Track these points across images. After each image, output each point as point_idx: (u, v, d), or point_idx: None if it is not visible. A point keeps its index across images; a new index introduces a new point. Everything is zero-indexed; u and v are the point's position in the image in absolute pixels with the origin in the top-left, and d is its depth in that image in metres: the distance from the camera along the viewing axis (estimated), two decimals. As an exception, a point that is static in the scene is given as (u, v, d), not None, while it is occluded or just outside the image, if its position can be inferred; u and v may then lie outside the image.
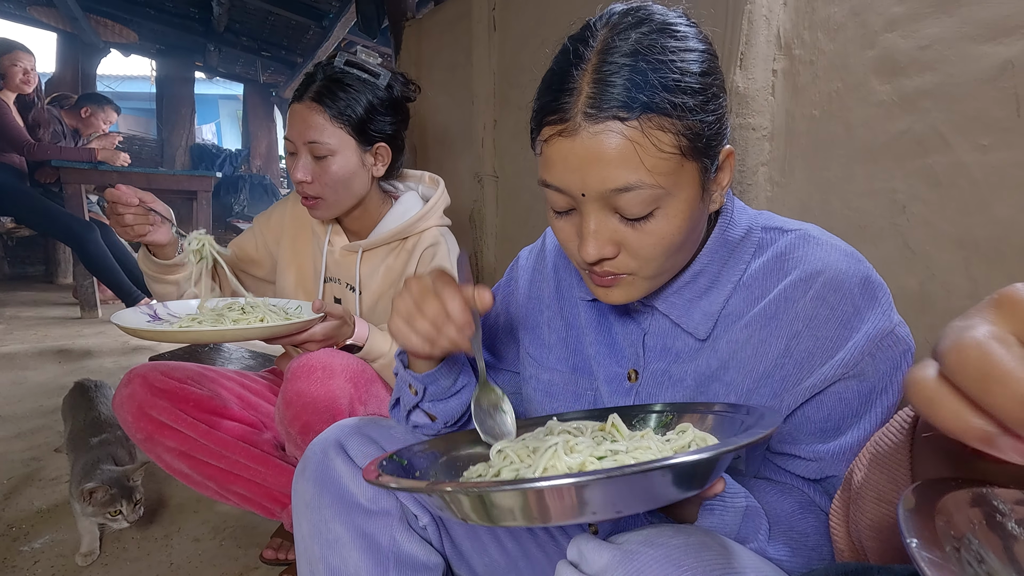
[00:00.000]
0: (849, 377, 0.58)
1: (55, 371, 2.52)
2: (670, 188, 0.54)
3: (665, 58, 0.52)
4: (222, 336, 0.93)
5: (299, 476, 0.72)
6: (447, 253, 1.19)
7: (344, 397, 0.97)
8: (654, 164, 0.52)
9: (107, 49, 5.65)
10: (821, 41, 0.94)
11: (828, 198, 0.95)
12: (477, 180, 1.99)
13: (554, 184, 0.57)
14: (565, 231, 0.60)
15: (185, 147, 6.28)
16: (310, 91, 1.09)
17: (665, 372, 0.66)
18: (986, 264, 0.77)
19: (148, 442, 1.04)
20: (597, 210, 0.56)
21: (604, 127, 0.52)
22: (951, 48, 0.79)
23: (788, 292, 0.60)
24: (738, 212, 0.66)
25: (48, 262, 4.69)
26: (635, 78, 0.51)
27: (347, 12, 4.44)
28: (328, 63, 1.13)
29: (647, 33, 0.54)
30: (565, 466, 0.47)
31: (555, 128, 0.55)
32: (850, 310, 0.58)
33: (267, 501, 1.14)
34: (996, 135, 0.75)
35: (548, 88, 0.57)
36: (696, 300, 0.65)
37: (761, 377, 0.61)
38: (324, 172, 1.09)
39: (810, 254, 0.61)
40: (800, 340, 0.60)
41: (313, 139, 1.08)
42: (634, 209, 0.54)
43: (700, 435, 0.52)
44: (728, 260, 0.64)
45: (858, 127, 0.90)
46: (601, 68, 0.53)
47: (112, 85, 10.76)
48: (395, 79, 1.16)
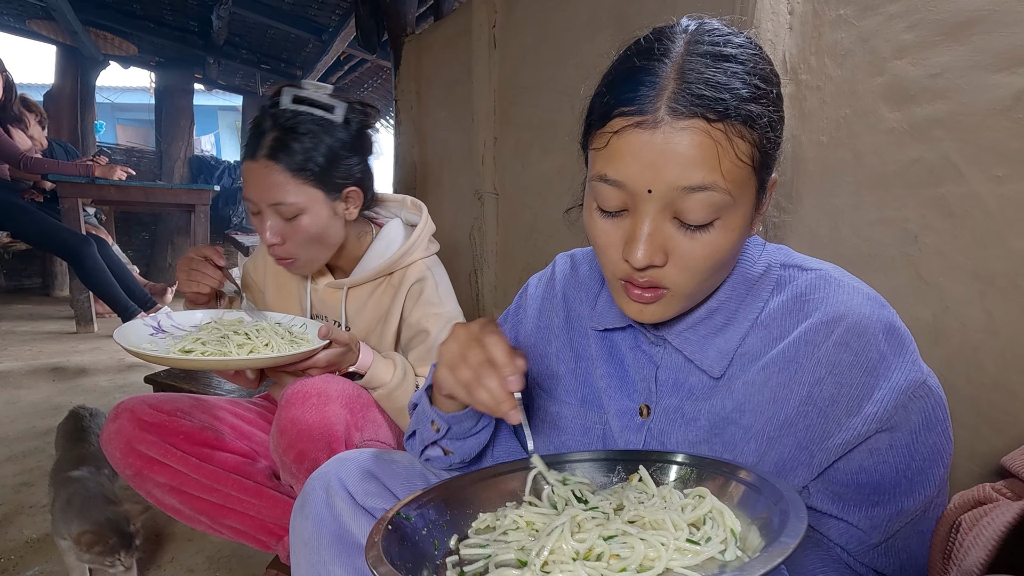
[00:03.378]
0: (882, 431, 0.56)
1: (49, 390, 2.48)
2: (736, 199, 0.53)
3: (747, 67, 0.53)
4: (225, 365, 0.91)
5: (298, 513, 0.70)
6: (435, 288, 1.15)
7: (340, 424, 0.94)
8: (729, 170, 0.51)
9: (106, 61, 5.65)
10: (828, 67, 0.92)
11: (837, 226, 0.93)
12: (477, 197, 1.97)
13: (616, 178, 0.54)
14: (608, 235, 0.57)
15: (184, 159, 6.27)
16: (263, 147, 0.98)
17: (678, 409, 0.64)
18: (1002, 297, 0.75)
19: (137, 478, 1.01)
20: (657, 211, 0.53)
21: (690, 124, 0.51)
22: (963, 77, 0.77)
23: (809, 336, 0.58)
24: (756, 247, 0.64)
25: (45, 275, 4.67)
26: (723, 81, 0.51)
27: (347, 26, 4.45)
28: (273, 105, 1.02)
29: (727, 43, 0.54)
30: (572, 550, 0.46)
31: (631, 119, 0.52)
32: (875, 357, 0.56)
33: (261, 534, 1.11)
34: (1011, 166, 0.73)
35: (623, 79, 0.55)
36: (711, 337, 0.63)
37: (783, 425, 0.59)
38: (295, 231, 1.02)
39: (831, 296, 0.59)
40: (823, 387, 0.57)
41: (277, 200, 0.99)
42: (699, 214, 0.52)
43: (718, 507, 0.49)
44: (746, 297, 0.63)
45: (867, 154, 0.88)
46: (687, 66, 0.52)
47: (111, 97, 10.79)
48: (351, 109, 1.05)
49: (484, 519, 0.59)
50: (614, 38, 1.51)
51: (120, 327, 0.95)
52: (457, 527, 0.59)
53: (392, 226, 1.19)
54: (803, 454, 0.59)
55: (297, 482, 0.94)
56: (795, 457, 0.59)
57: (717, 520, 0.49)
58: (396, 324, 1.15)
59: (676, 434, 0.64)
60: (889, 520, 0.58)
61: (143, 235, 5.98)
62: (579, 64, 1.48)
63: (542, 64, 1.61)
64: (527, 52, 1.69)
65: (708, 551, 0.45)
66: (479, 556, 0.53)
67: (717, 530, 0.48)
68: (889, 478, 0.57)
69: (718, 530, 0.48)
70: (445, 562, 0.53)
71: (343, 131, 1.03)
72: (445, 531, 0.58)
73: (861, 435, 0.56)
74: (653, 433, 0.65)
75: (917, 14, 0.81)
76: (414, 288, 1.14)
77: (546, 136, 1.63)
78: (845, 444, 0.57)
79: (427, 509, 0.58)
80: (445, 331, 1.11)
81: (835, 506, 0.59)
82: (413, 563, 0.51)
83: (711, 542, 0.46)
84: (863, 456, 0.57)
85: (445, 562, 0.53)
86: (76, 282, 3.35)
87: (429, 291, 1.14)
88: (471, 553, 0.54)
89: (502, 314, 0.86)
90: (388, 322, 1.15)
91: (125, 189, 3.48)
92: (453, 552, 0.55)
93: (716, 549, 0.45)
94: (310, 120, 1.00)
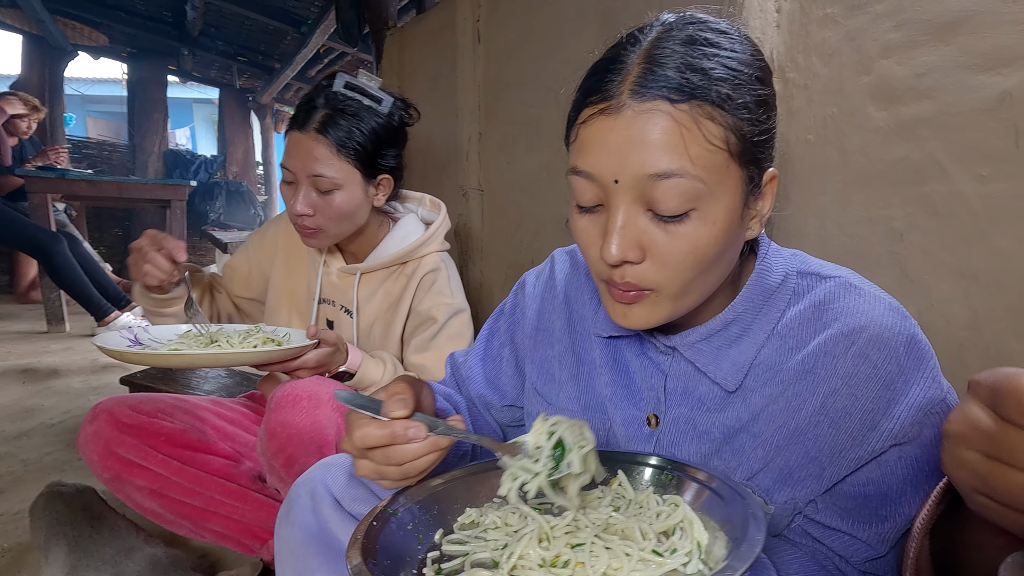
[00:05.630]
0: (896, 445, 0.55)
1: (19, 392, 2.40)
2: (712, 186, 0.50)
3: (721, 51, 0.51)
4: (215, 360, 0.90)
5: (283, 520, 0.68)
6: (447, 279, 1.17)
7: (331, 427, 0.92)
8: (699, 154, 0.49)
9: (75, 52, 5.48)
10: (816, 65, 0.93)
11: (824, 223, 0.94)
12: (462, 194, 1.96)
13: (586, 169, 0.53)
14: (588, 232, 0.56)
15: (158, 153, 6.12)
16: (313, 120, 1.04)
17: (689, 420, 0.63)
18: (986, 295, 0.76)
19: (116, 482, 0.99)
20: (628, 202, 0.51)
21: (652, 106, 0.49)
22: (948, 77, 0.78)
23: (828, 347, 0.57)
24: (773, 255, 0.62)
25: (12, 272, 4.52)
26: (691, 62, 0.50)
27: (326, 19, 4.37)
28: (328, 86, 1.07)
29: (703, 28, 0.53)
30: (539, 557, 0.48)
31: (597, 107, 0.52)
32: (894, 370, 0.54)
33: (245, 537, 1.09)
34: (995, 166, 0.74)
35: (595, 71, 0.54)
36: (725, 348, 0.61)
37: (793, 434, 0.58)
38: (328, 206, 1.06)
39: (852, 306, 0.57)
40: (837, 398, 0.56)
41: (318, 173, 1.03)
42: (670, 203, 0.50)
43: (689, 517, 0.50)
44: (763, 307, 0.61)
45: (854, 153, 0.89)
46: (654, 51, 0.51)
47: (81, 88, 10.47)
48: (396, 105, 1.12)
49: (470, 514, 0.60)
50: (601, 34, 1.49)
51: (99, 335, 0.93)
52: (444, 521, 0.59)
53: (409, 219, 1.22)
54: (812, 465, 0.58)
55: (285, 486, 0.92)
56: (803, 467, 0.58)
57: (686, 531, 0.50)
58: (406, 313, 1.17)
59: (687, 446, 0.63)
60: (896, 532, 0.57)
61: (116, 231, 5.82)
62: (565, 60, 1.47)
63: (528, 59, 1.60)
64: (512, 47, 1.68)
65: (671, 563, 0.46)
66: (460, 553, 0.54)
67: (685, 541, 0.49)
68: (896, 488, 0.56)
69: (686, 541, 0.49)
70: (426, 557, 0.54)
71: (387, 121, 1.09)
72: (431, 525, 0.58)
73: (875, 451, 0.55)
74: (663, 444, 0.64)
75: (903, 14, 0.82)
76: (427, 277, 1.16)
77: (532, 132, 1.62)
78: (858, 459, 0.56)
79: (414, 504, 0.58)
80: (451, 321, 1.14)
81: (843, 522, 0.59)
82: (394, 558, 0.52)
83: (676, 554, 0.47)
84: (871, 468, 0.57)
85: (426, 557, 0.54)
86: (47, 280, 3.25)
87: (441, 281, 1.16)
88: (452, 550, 0.55)
89: (496, 309, 0.85)
90: (398, 310, 1.17)
91: (97, 184, 3.38)
92: (437, 547, 0.56)
93: (679, 562, 0.46)
94: (360, 105, 1.06)
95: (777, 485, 0.60)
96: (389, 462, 0.54)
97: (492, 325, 0.84)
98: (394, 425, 0.53)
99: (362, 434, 0.53)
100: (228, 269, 1.29)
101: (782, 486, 0.59)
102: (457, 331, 1.15)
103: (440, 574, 0.52)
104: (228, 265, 1.30)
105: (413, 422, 0.54)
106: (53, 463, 1.76)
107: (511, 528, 0.56)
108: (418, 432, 0.53)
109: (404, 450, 0.53)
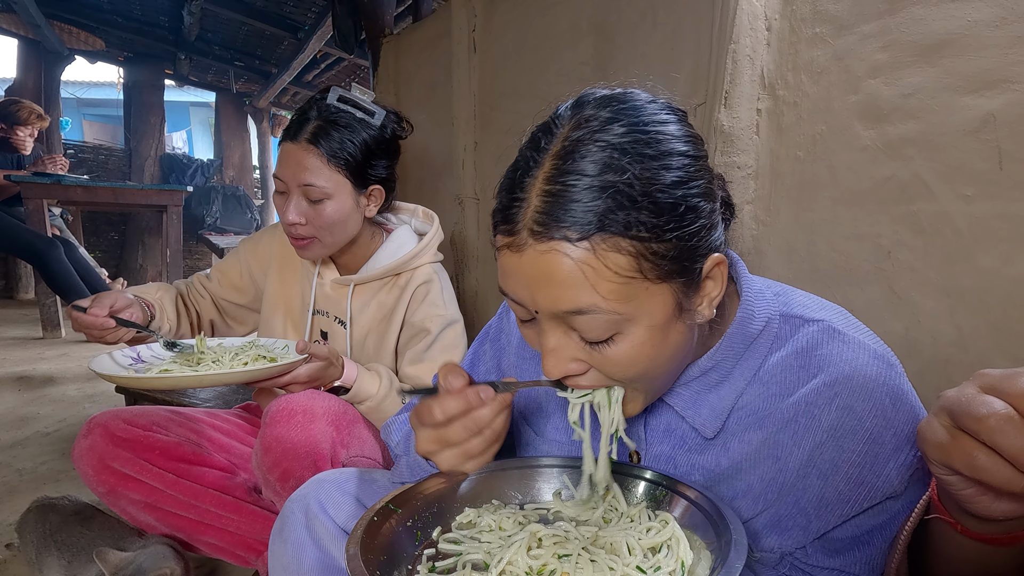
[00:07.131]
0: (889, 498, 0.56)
1: (14, 400, 2.40)
2: (630, 314, 0.48)
3: (632, 171, 0.46)
4: (201, 382, 0.91)
5: (276, 537, 0.69)
6: (440, 291, 1.18)
7: (326, 442, 0.93)
8: (609, 289, 0.47)
9: (72, 56, 5.48)
10: (805, 83, 0.94)
11: (813, 239, 0.95)
12: (458, 202, 1.97)
13: (508, 294, 0.53)
14: (532, 340, 0.57)
15: (155, 157, 6.11)
16: (305, 131, 1.06)
17: (670, 459, 0.63)
18: (971, 313, 0.77)
19: (111, 495, 0.99)
20: (554, 327, 0.51)
21: (550, 247, 0.47)
22: (934, 98, 0.79)
23: (812, 397, 0.56)
24: (756, 299, 0.60)
25: (8, 277, 4.51)
26: (590, 194, 0.46)
27: (323, 25, 4.38)
28: (321, 99, 1.09)
29: (619, 136, 0.48)
30: (526, 565, 0.50)
31: (504, 240, 0.51)
32: (880, 424, 0.54)
33: (240, 549, 1.09)
34: (979, 186, 0.75)
35: (503, 189, 0.53)
36: (704, 394, 0.61)
37: (783, 488, 0.58)
38: (318, 215, 1.07)
39: (835, 354, 0.56)
40: (824, 451, 0.56)
41: (309, 182, 1.05)
42: (592, 334, 0.49)
43: (677, 535, 0.51)
44: (744, 354, 0.60)
45: (842, 170, 0.90)
46: (553, 179, 0.47)
47: (77, 92, 10.45)
48: (389, 118, 1.14)
49: (468, 514, 0.61)
50: (595, 46, 1.49)
51: (97, 358, 0.93)
52: (443, 520, 0.61)
53: (402, 231, 1.23)
54: (800, 516, 0.58)
55: (281, 500, 0.93)
56: (791, 517, 0.59)
57: (672, 549, 0.51)
58: (399, 325, 1.17)
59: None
60: (885, 553, 0.58)
61: (112, 236, 5.82)
62: (560, 71, 1.48)
63: (523, 70, 1.61)
64: (508, 57, 1.69)
65: None
66: (454, 552, 0.55)
67: (670, 559, 0.50)
68: (884, 520, 0.57)
69: (670, 560, 0.50)
70: (422, 554, 0.56)
71: (378, 134, 1.11)
72: (431, 523, 0.60)
73: (861, 508, 0.55)
74: None
75: (890, 35, 0.83)
76: (420, 289, 1.17)
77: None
78: (842, 516, 0.56)
79: (415, 501, 0.60)
80: (445, 333, 1.14)
81: (834, 560, 0.58)
82: (391, 554, 0.54)
83: (659, 572, 0.48)
84: (859, 518, 0.57)
85: (422, 554, 0.56)
86: (42, 286, 3.24)
87: (435, 293, 1.17)
88: (448, 548, 0.56)
89: (481, 331, 0.85)
90: (391, 322, 1.17)
91: (93, 189, 3.38)
92: (433, 544, 0.58)
93: None
94: (352, 118, 1.08)
95: (766, 530, 0.60)
96: (470, 432, 0.52)
97: (477, 349, 0.84)
98: (465, 392, 0.53)
99: (441, 408, 0.52)
100: (218, 273, 1.28)
101: (771, 532, 0.60)
102: (451, 342, 1.16)
103: (434, 572, 0.53)
104: (218, 269, 1.29)
105: (480, 385, 0.54)
106: (48, 473, 1.76)
107: (505, 533, 0.57)
108: (488, 392, 0.53)
109: (481, 414, 0.52)
